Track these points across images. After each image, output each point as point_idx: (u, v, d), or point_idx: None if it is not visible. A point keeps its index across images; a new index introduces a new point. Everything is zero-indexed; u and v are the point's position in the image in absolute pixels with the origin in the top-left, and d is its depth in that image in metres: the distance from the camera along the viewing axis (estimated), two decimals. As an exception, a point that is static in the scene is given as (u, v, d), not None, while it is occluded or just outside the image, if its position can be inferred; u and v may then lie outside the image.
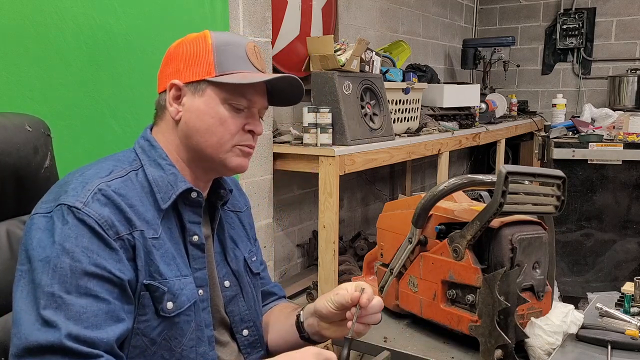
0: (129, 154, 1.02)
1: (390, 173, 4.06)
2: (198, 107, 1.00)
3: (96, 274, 0.86)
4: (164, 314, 0.94)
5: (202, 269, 1.02)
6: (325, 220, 2.30)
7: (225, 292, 1.10)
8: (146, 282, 0.92)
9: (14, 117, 1.07)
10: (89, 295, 0.85)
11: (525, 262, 1.14)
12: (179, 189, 0.99)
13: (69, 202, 0.88)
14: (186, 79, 1.00)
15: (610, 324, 1.18)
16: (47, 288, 0.83)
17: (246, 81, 0.98)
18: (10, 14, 1.36)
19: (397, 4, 3.95)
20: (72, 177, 0.95)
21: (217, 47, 1.00)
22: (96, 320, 0.84)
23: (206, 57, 1.00)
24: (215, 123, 0.99)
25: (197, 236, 1.02)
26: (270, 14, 2.35)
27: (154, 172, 0.99)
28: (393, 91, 2.82)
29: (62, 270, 0.84)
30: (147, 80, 1.71)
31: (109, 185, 0.92)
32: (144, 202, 0.96)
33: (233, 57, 1.00)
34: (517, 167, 1.10)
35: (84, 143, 1.55)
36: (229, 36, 1.05)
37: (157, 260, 0.94)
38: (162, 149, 1.02)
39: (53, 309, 0.82)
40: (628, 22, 4.70)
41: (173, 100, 1.01)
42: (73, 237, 0.86)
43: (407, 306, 1.29)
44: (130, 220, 0.92)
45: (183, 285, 0.97)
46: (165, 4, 1.77)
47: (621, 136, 2.75)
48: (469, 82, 4.97)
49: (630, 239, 2.73)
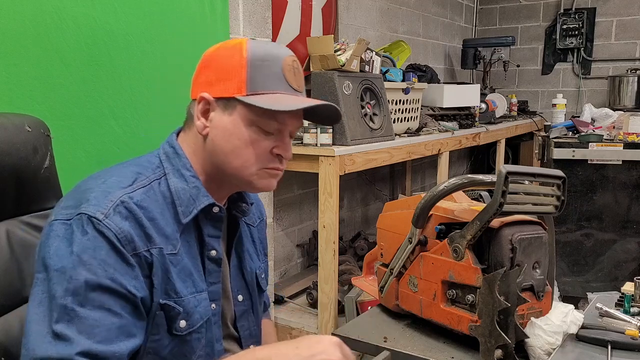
0: (153, 160, 0.99)
1: (390, 173, 4.06)
2: (225, 126, 0.95)
3: (111, 289, 0.84)
4: (176, 332, 0.92)
5: (216, 283, 1.00)
6: (325, 220, 2.30)
7: (238, 307, 1.08)
8: (162, 301, 0.90)
9: (13, 117, 1.07)
10: (103, 308, 0.83)
11: (525, 262, 1.14)
12: (201, 204, 0.96)
13: (89, 212, 0.86)
14: (216, 93, 0.95)
15: (610, 324, 1.18)
16: (60, 300, 0.81)
17: (277, 107, 0.92)
18: (10, 14, 1.36)
19: (397, 4, 3.95)
20: (94, 183, 0.92)
21: (251, 62, 0.93)
22: (109, 334, 0.83)
23: (239, 72, 0.93)
24: (241, 145, 0.95)
25: (215, 251, 0.99)
26: (270, 14, 2.35)
27: (177, 183, 0.96)
28: (393, 91, 2.81)
29: (77, 282, 0.82)
30: (147, 80, 1.71)
31: (132, 197, 0.89)
32: (165, 214, 0.93)
33: (267, 75, 0.94)
34: (517, 167, 1.10)
35: (84, 143, 1.55)
36: (266, 49, 0.96)
37: (174, 278, 0.92)
38: (187, 159, 0.98)
39: (65, 322, 0.81)
40: (628, 22, 4.70)
41: (201, 115, 0.97)
42: (91, 249, 0.84)
43: (407, 306, 1.29)
44: (149, 237, 0.89)
45: (197, 302, 0.95)
46: (165, 4, 1.77)
47: (621, 136, 2.75)
48: (469, 82, 4.97)
49: (630, 239, 2.73)
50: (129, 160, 1.00)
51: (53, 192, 1.12)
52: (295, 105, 0.94)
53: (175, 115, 1.85)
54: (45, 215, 1.09)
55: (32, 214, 1.07)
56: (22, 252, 1.02)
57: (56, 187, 1.13)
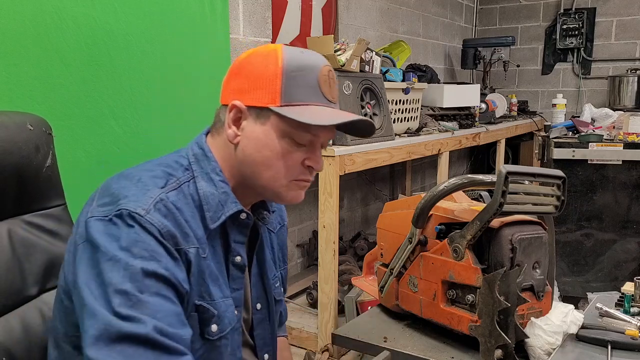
0: (182, 161, 0.96)
1: (390, 173, 4.06)
2: (257, 136, 0.93)
3: (165, 278, 0.82)
4: (208, 337, 0.91)
5: (239, 289, 0.99)
6: (325, 220, 2.30)
7: (256, 315, 1.07)
8: (197, 302, 0.89)
9: (15, 115, 1.07)
10: (160, 295, 0.81)
11: (525, 262, 1.14)
12: (230, 211, 0.94)
13: (130, 208, 0.84)
14: (249, 102, 0.93)
15: (610, 324, 1.18)
16: (119, 286, 0.79)
17: (313, 122, 0.90)
18: (10, 14, 1.36)
19: (397, 4, 3.95)
20: (128, 182, 0.90)
21: (286, 72, 0.91)
22: (171, 320, 0.81)
23: (273, 82, 0.91)
24: (272, 157, 0.93)
25: (240, 257, 0.98)
26: (270, 14, 2.35)
27: (206, 188, 0.94)
28: (393, 91, 2.81)
29: (134, 269, 0.80)
30: (147, 80, 1.71)
31: (168, 197, 0.88)
32: (195, 217, 0.91)
33: (303, 86, 0.91)
34: (517, 167, 1.10)
35: (84, 143, 1.55)
36: (302, 58, 0.93)
37: (207, 280, 0.91)
38: (217, 162, 0.96)
39: (128, 306, 0.78)
40: (628, 22, 4.70)
41: (233, 123, 0.94)
42: (140, 242, 0.82)
43: (407, 306, 1.29)
44: (187, 236, 0.88)
45: (226, 307, 0.94)
46: (165, 4, 1.77)
47: (621, 136, 2.75)
48: (469, 82, 4.97)
49: (630, 239, 2.73)
50: (155, 160, 0.97)
51: (55, 191, 1.12)
52: (331, 120, 0.92)
53: (175, 115, 1.85)
54: (47, 215, 1.09)
55: (33, 213, 1.07)
56: (23, 251, 1.02)
57: (58, 186, 1.13)
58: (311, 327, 2.50)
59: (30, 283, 1.03)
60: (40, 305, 1.05)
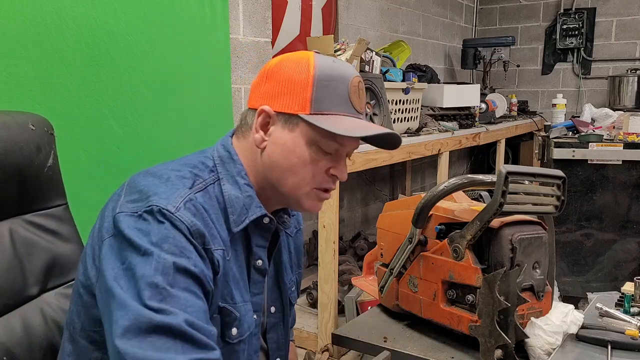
0: (207, 162, 0.96)
1: (390, 173, 4.06)
2: (285, 142, 0.93)
3: (195, 274, 0.83)
4: (229, 340, 0.91)
5: (260, 293, 0.99)
6: (325, 220, 2.30)
7: (270, 318, 1.07)
8: (221, 304, 0.90)
9: (17, 115, 1.07)
10: (189, 291, 0.81)
11: (525, 262, 1.14)
12: (254, 215, 0.94)
13: (161, 205, 0.84)
14: (279, 107, 0.93)
15: (610, 324, 1.18)
16: (150, 279, 0.79)
17: (342, 132, 0.90)
18: (10, 14, 1.36)
19: (397, 4, 3.95)
20: (156, 180, 0.90)
21: (318, 81, 0.91)
22: (199, 315, 0.81)
23: (304, 90, 0.91)
24: (299, 163, 0.93)
25: (261, 260, 0.98)
26: (270, 14, 2.35)
27: (230, 190, 0.94)
28: (393, 91, 2.81)
29: (165, 263, 0.80)
30: (147, 80, 1.71)
31: (196, 198, 0.89)
32: (219, 220, 0.91)
33: (333, 96, 0.92)
34: (517, 167, 1.10)
35: (84, 143, 1.55)
36: (333, 67, 0.94)
37: (230, 283, 0.91)
38: (242, 166, 0.96)
39: (159, 300, 0.78)
40: (628, 22, 4.70)
41: (260, 127, 0.94)
42: (171, 237, 0.83)
43: (407, 306, 1.29)
44: (214, 237, 0.88)
45: (245, 312, 0.94)
46: (165, 4, 1.77)
47: (621, 136, 2.75)
48: (469, 82, 4.97)
49: (630, 239, 2.73)
50: (181, 159, 0.98)
51: (56, 191, 1.12)
52: (360, 132, 0.92)
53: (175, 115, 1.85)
54: (48, 215, 1.09)
55: (35, 213, 1.07)
56: (25, 251, 1.02)
57: (59, 186, 1.13)
58: (311, 327, 2.50)
59: (31, 283, 1.03)
60: (41, 305, 1.04)
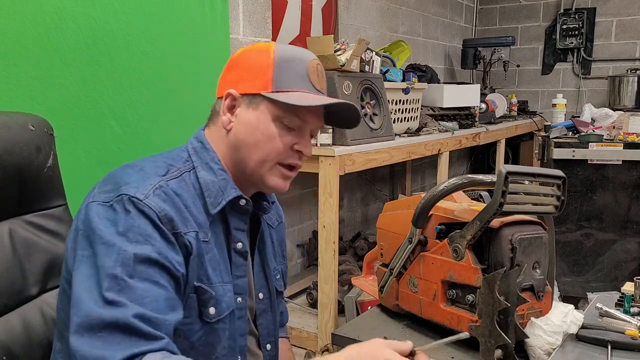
0: (182, 154, 1.02)
1: (390, 173, 4.06)
2: (250, 120, 0.99)
3: (158, 262, 0.86)
4: (206, 319, 0.95)
5: (242, 276, 1.03)
6: (325, 220, 2.30)
7: (258, 305, 1.10)
8: (196, 284, 0.93)
9: (17, 116, 1.07)
10: (150, 281, 0.85)
11: (525, 262, 1.14)
12: (229, 196, 0.99)
13: (130, 193, 0.89)
14: (243, 90, 1.00)
15: (610, 324, 1.18)
16: (110, 270, 0.83)
17: (300, 103, 0.96)
18: (10, 14, 1.37)
19: (397, 4, 3.95)
20: (130, 170, 0.95)
21: (277, 62, 0.98)
22: (157, 304, 0.84)
23: (265, 72, 0.98)
24: (263, 139, 0.98)
25: (241, 243, 1.02)
26: (270, 14, 2.35)
27: (206, 176, 0.99)
28: (393, 91, 2.82)
29: (126, 254, 0.84)
30: (147, 80, 1.71)
31: (167, 184, 0.93)
32: (197, 204, 0.96)
33: (292, 75, 0.99)
34: (517, 167, 1.10)
35: (84, 143, 1.55)
36: (293, 52, 1.02)
37: (206, 264, 0.94)
38: (215, 153, 1.02)
39: (116, 291, 0.82)
40: (628, 22, 4.70)
41: (227, 110, 1.01)
42: (136, 227, 0.86)
43: (407, 306, 1.29)
44: (186, 220, 0.93)
45: (224, 292, 0.98)
46: (165, 4, 1.77)
47: (621, 136, 2.75)
48: (469, 82, 4.97)
49: (630, 239, 2.73)
50: (157, 154, 1.02)
51: (56, 191, 1.12)
52: (317, 101, 0.98)
53: (175, 115, 1.86)
54: (48, 215, 1.09)
55: (35, 213, 1.07)
56: (24, 251, 1.02)
57: (59, 186, 1.13)
58: (311, 327, 2.50)
59: (31, 283, 1.03)
60: (41, 304, 1.05)
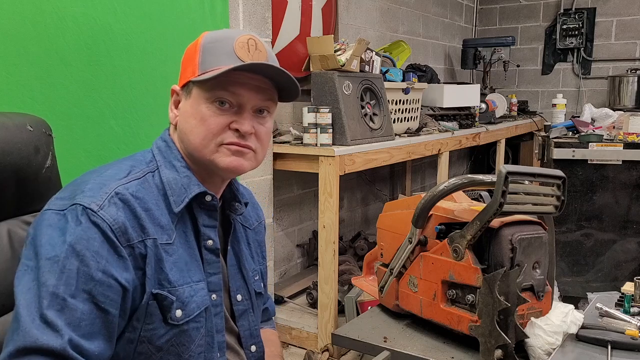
0: (147, 155, 1.01)
1: (390, 173, 4.06)
2: (186, 109, 0.99)
3: (102, 281, 0.85)
4: (173, 322, 0.93)
5: (216, 273, 1.02)
6: (325, 220, 2.30)
7: (238, 306, 1.09)
8: (154, 291, 0.91)
9: (15, 116, 1.07)
10: (92, 302, 0.84)
11: (525, 262, 1.14)
12: (192, 193, 0.98)
13: (84, 203, 0.87)
14: (180, 83, 1.01)
15: (610, 324, 1.18)
16: (52, 288, 0.82)
17: (213, 75, 0.93)
18: (10, 14, 1.36)
19: (397, 4, 3.95)
20: (90, 176, 0.94)
21: (203, 47, 0.98)
22: (92, 329, 0.84)
23: (193, 59, 0.98)
24: (197, 124, 0.96)
25: (211, 240, 1.01)
26: (270, 14, 2.35)
27: (169, 174, 0.98)
28: (393, 91, 2.82)
29: (70, 272, 0.83)
30: (147, 80, 1.71)
31: (127, 188, 0.91)
32: (160, 205, 0.95)
33: (217, 54, 0.96)
34: (517, 167, 1.10)
35: (84, 143, 1.55)
36: (221, 33, 1.01)
37: (167, 268, 0.93)
38: (179, 151, 1.01)
39: (56, 310, 0.81)
40: (628, 22, 4.70)
41: (174, 106, 1.02)
42: (85, 240, 0.85)
43: (407, 306, 1.29)
44: (143, 227, 0.91)
45: (194, 292, 0.96)
46: (165, 4, 1.77)
47: (621, 136, 2.75)
48: (469, 82, 4.97)
49: (630, 239, 2.73)
50: (125, 157, 1.02)
51: (54, 192, 1.11)
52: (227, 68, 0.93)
53: (175, 115, 1.85)
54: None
55: (33, 214, 1.07)
56: (22, 252, 1.02)
57: (58, 187, 1.13)
58: (311, 327, 2.50)
59: (30, 283, 1.03)
60: (40, 305, 1.04)
